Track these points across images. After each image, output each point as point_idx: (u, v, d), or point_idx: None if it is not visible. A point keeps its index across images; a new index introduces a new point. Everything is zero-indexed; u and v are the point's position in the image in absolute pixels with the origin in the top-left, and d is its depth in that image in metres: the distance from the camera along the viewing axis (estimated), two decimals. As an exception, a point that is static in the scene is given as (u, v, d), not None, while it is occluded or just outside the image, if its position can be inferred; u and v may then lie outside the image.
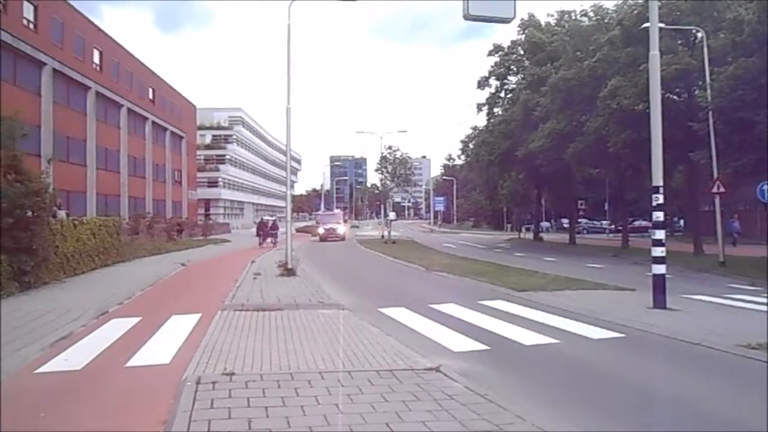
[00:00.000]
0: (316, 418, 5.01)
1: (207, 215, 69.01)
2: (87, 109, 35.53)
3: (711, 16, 23.80)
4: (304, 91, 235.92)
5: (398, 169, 48.70)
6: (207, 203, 73.10)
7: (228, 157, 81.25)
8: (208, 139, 79.19)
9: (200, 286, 16.49)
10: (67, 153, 32.19)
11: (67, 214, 19.33)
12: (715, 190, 21.67)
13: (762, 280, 16.67)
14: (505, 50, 41.72)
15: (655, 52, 12.12)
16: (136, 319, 10.32)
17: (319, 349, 7.72)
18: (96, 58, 36.97)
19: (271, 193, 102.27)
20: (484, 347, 8.23)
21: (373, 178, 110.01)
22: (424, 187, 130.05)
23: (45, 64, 30.09)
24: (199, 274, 19.91)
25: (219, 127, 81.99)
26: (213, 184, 76.23)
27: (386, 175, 49.21)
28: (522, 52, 40.83)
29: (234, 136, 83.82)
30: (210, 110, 77.45)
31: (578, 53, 31.17)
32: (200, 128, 70.85)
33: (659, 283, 11.33)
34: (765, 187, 18.82)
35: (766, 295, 13.65)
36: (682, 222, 48.60)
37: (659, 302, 11.22)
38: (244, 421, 4.94)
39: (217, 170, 78.10)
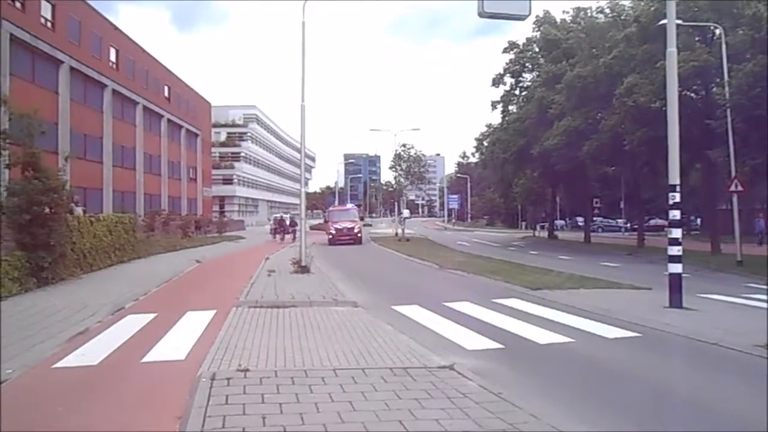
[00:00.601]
0: (330, 415, 5.01)
1: (222, 212, 69.47)
2: (103, 107, 35.87)
3: (729, 13, 23.46)
4: (318, 89, 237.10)
5: (412, 166, 48.65)
6: (222, 200, 73.58)
7: (243, 154, 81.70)
8: (223, 137, 79.66)
9: (215, 282, 16.60)
10: (84, 150, 32.53)
11: (84, 211, 19.54)
12: (732, 188, 21.37)
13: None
14: (520, 47, 41.51)
15: (672, 49, 11.96)
16: (151, 315, 10.42)
17: (333, 346, 7.73)
18: (112, 56, 37.31)
19: (285, 190, 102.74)
20: (498, 346, 8.20)
21: (386, 175, 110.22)
22: (438, 184, 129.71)
23: (62, 62, 30.42)
24: (214, 270, 20.05)
25: (234, 125, 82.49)
26: (228, 181, 76.70)
27: (400, 172, 49.20)
28: (537, 50, 40.62)
29: (249, 134, 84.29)
30: (225, 108, 77.93)
31: (594, 50, 30.92)
32: (215, 126, 71.29)
33: (675, 282, 11.20)
34: (784, 186, 18.57)
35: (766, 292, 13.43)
36: (698, 221, 48.08)
37: (675, 301, 11.10)
38: (259, 417, 4.95)
39: (232, 167, 78.57)
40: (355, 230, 36.81)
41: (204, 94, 60.21)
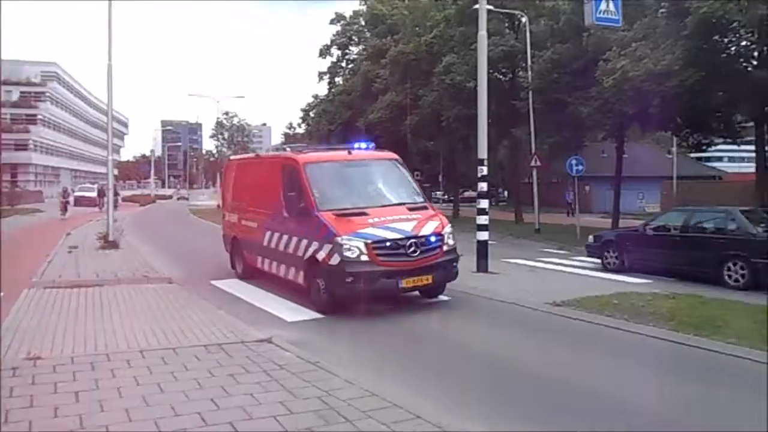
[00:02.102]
0: (133, 399, 4.70)
1: (14, 182, 61.31)
2: None
3: (534, 4, 25.71)
4: (132, 49, 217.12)
5: (235, 135, 47.18)
6: (14, 168, 64.86)
7: (40, 117, 72.39)
8: (15, 96, 69.88)
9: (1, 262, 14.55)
10: None
11: None
12: (533, 163, 23.87)
13: (568, 244, 18.68)
14: (347, 20, 41.81)
15: (483, 33, 12.84)
16: None
17: (142, 326, 7.21)
18: None
19: (92, 158, 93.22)
20: (317, 316, 8.32)
21: (209, 144, 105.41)
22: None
23: None
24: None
25: (29, 83, 72.55)
26: (21, 147, 67.46)
27: (222, 141, 47.53)
28: (363, 23, 41.19)
29: (47, 94, 74.74)
30: (18, 63, 68.11)
31: (417, 28, 32.07)
32: (5, 83, 62.17)
33: (482, 249, 12.24)
34: (573, 162, 21.01)
35: None
36: (506, 193, 52.88)
37: (482, 266, 12.13)
38: (50, 408, 4.51)
39: (27, 132, 69.25)
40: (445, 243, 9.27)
41: (-10, 45, 52.14)
